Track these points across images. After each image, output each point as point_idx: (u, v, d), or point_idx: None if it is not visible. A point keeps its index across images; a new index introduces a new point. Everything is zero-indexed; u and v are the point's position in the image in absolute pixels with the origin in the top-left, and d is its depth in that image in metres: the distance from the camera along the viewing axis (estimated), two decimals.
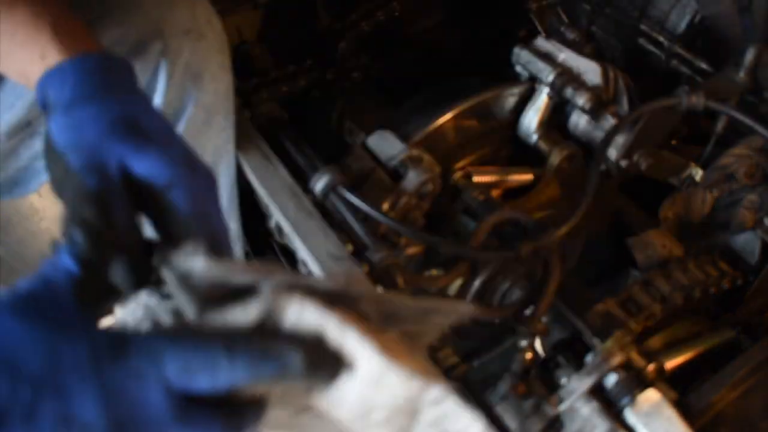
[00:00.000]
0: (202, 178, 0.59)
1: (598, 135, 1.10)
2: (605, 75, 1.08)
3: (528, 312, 0.89)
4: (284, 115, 1.17)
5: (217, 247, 0.56)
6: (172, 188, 0.55)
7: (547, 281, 0.88)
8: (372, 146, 1.03)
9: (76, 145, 0.57)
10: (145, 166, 0.55)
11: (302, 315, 0.46)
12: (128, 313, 0.52)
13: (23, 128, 0.88)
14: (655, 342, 0.83)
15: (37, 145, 0.91)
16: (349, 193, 0.92)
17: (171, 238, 0.55)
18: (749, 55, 1.05)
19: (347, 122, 1.34)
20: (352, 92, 1.36)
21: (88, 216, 0.51)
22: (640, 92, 1.11)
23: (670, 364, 0.79)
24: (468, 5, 1.48)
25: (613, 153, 1.07)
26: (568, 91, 1.06)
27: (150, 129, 0.59)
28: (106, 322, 0.50)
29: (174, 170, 0.56)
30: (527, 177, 1.09)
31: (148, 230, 0.56)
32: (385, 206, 0.95)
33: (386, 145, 1.01)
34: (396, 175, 0.99)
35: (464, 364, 0.77)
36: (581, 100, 1.05)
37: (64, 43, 0.64)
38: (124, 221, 0.53)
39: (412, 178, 0.96)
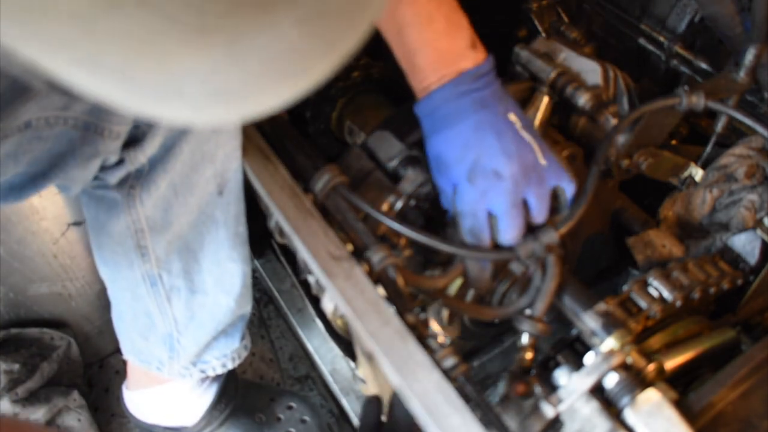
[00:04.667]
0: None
1: (598, 135, 1.10)
2: (605, 75, 1.08)
3: (528, 312, 0.89)
4: (284, 115, 1.16)
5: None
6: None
7: (547, 281, 0.88)
8: (371, 147, 1.03)
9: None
10: None
11: None
12: None
13: (21, 129, 0.87)
14: (655, 342, 0.83)
15: (36, 149, 0.90)
16: (349, 193, 0.92)
17: None
18: (749, 55, 1.05)
19: (347, 122, 1.34)
20: (352, 92, 1.36)
21: None
22: (640, 92, 1.11)
23: (670, 364, 0.79)
24: (468, 5, 1.48)
25: (613, 153, 1.07)
26: (568, 91, 1.06)
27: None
28: None
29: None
30: None
31: None
32: (385, 207, 0.95)
33: (385, 145, 1.01)
34: (395, 175, 0.99)
35: (464, 364, 0.77)
36: (581, 100, 1.05)
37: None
38: None
39: (411, 179, 0.96)
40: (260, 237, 1.60)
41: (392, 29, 0.90)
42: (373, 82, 1.37)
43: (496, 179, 0.86)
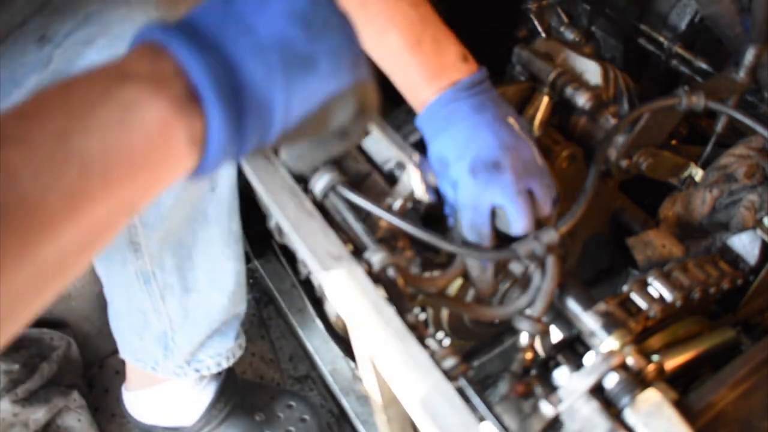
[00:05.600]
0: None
1: (598, 135, 1.10)
2: (605, 75, 1.08)
3: (528, 312, 0.89)
4: None
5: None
6: None
7: (547, 281, 0.88)
8: (367, 149, 1.03)
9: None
10: None
11: None
12: None
13: None
14: (655, 342, 0.83)
15: None
16: (350, 192, 0.92)
17: None
18: (749, 55, 1.05)
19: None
20: None
21: None
22: (640, 92, 1.11)
23: (670, 364, 0.79)
24: (468, 5, 1.48)
25: (613, 153, 1.07)
26: (568, 91, 1.06)
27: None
28: None
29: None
30: None
31: None
32: None
33: (381, 147, 1.01)
34: (392, 177, 0.99)
35: (464, 364, 0.77)
36: (581, 100, 1.05)
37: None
38: None
39: (407, 181, 0.96)
40: (260, 237, 1.61)
41: (383, 56, 0.93)
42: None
43: (497, 171, 0.86)
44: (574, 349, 0.84)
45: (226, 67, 0.47)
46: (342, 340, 1.34)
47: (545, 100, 1.09)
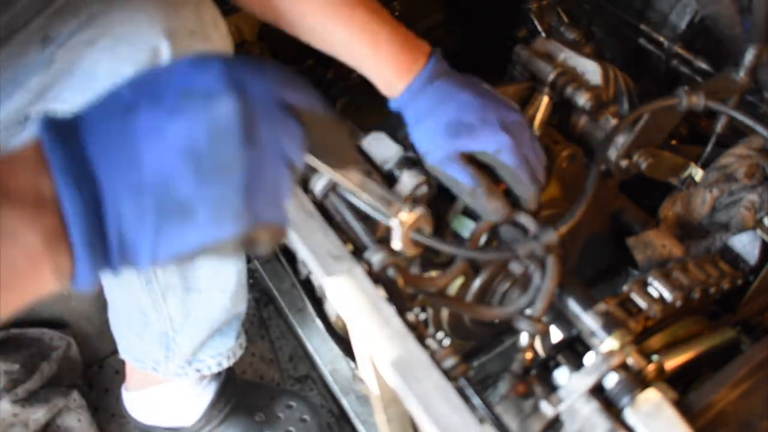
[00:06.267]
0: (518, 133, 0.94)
1: (598, 135, 1.10)
2: (605, 75, 1.08)
3: (528, 312, 0.89)
4: None
5: (536, 175, 0.95)
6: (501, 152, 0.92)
7: (547, 281, 0.88)
8: (366, 148, 1.03)
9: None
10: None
11: None
12: None
13: (21, 122, 0.88)
14: (655, 342, 0.83)
15: None
16: (350, 193, 0.92)
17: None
18: (749, 55, 1.05)
19: (347, 122, 1.33)
20: (352, 92, 1.36)
21: None
22: (640, 92, 1.11)
23: (670, 364, 0.79)
24: (468, 5, 1.49)
25: (613, 153, 1.07)
26: (568, 91, 1.06)
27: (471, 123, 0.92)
28: None
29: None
30: None
31: None
32: None
33: (381, 147, 1.01)
34: (391, 177, 0.99)
35: (464, 364, 0.77)
36: (581, 100, 1.05)
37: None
38: None
39: (407, 181, 0.95)
40: None
41: (358, 58, 0.98)
42: None
43: (470, 129, 0.92)
44: (574, 349, 0.84)
45: (99, 205, 0.48)
46: (342, 340, 1.34)
47: (545, 100, 1.09)
